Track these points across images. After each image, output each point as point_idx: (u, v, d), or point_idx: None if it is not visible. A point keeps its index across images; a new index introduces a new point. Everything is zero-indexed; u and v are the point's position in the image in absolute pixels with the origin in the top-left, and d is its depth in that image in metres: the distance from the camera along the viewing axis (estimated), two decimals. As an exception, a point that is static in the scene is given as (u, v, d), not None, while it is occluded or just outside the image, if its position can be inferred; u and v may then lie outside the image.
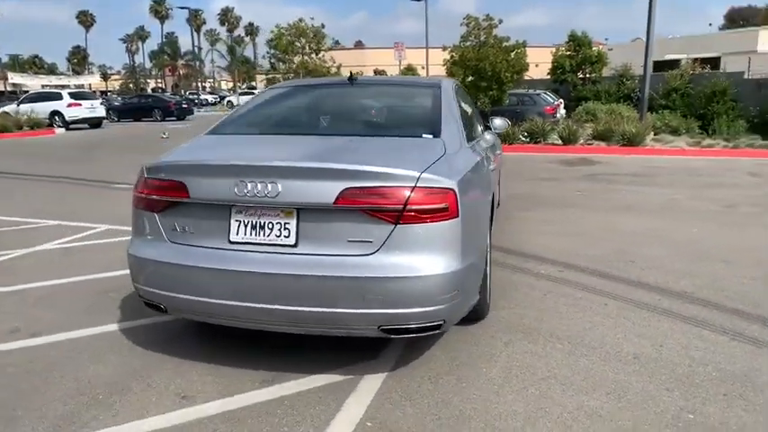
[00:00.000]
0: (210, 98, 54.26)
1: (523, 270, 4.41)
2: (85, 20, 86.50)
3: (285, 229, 2.50)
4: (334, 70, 14.82)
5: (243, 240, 2.55)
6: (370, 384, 2.71)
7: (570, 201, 7.24)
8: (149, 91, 66.89)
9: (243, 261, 2.51)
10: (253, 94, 52.48)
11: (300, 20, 13.75)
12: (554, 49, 23.27)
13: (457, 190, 2.49)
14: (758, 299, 3.73)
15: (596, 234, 5.54)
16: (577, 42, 22.36)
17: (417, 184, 2.42)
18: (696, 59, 21.98)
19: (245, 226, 2.55)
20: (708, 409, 2.48)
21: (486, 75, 13.38)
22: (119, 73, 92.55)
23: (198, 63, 66.67)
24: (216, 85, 77.68)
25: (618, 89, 20.53)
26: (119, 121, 28.99)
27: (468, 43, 14.14)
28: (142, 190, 2.77)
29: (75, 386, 2.73)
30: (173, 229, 2.68)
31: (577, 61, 22.37)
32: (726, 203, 6.87)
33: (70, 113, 22.24)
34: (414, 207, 2.40)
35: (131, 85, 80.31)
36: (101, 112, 24.16)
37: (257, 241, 2.53)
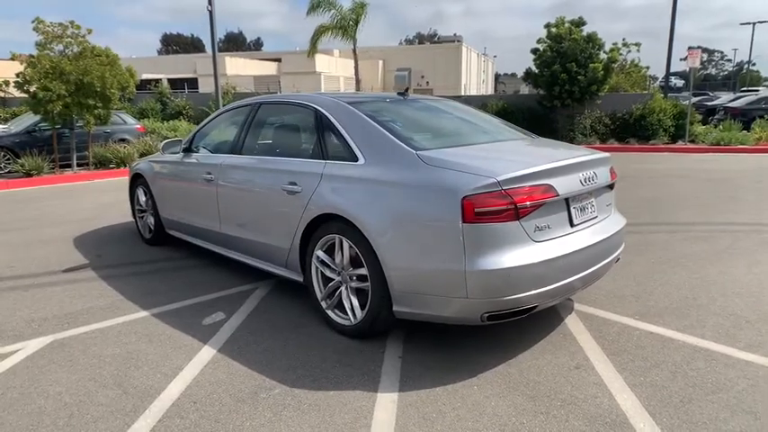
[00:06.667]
0: None
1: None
2: None
3: (592, 206, 3.36)
4: None
5: (580, 222, 3.21)
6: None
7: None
8: None
9: (584, 238, 3.18)
10: None
11: None
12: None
13: None
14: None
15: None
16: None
17: None
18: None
19: (579, 210, 3.22)
20: None
21: (93, 91, 11.57)
22: None
23: None
24: None
25: (164, 107, 21.11)
26: None
27: (47, 52, 11.65)
28: (496, 203, 2.77)
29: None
30: (535, 230, 2.91)
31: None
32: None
33: None
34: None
35: None
36: None
37: (585, 220, 3.27)
